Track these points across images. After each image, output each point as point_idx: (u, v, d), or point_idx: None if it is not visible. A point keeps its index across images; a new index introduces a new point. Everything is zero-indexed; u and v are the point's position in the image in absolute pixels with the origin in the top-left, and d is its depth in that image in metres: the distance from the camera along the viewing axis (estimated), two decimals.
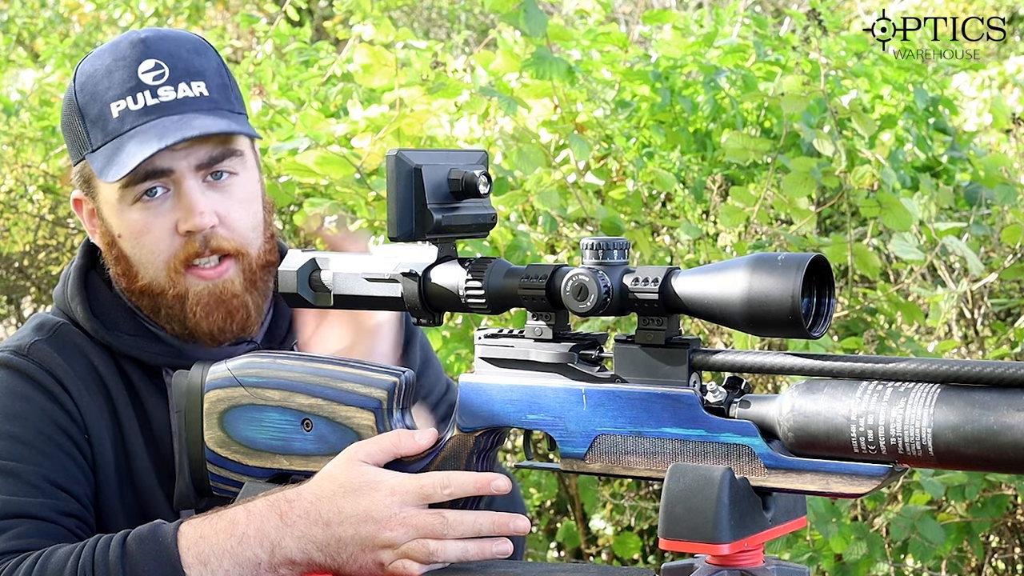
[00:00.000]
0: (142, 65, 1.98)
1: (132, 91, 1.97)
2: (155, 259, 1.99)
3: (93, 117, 1.98)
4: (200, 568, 1.73)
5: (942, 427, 1.37)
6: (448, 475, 1.68)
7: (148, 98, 1.97)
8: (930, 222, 3.62)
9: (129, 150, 1.94)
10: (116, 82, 1.98)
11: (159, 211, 1.98)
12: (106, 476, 1.97)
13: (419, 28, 9.71)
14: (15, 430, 1.92)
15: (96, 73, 2.00)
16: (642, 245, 3.45)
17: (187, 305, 1.99)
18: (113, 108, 1.97)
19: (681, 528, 1.47)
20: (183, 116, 1.96)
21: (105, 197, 2.01)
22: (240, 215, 2.01)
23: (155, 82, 1.98)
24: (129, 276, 2.02)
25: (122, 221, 2.00)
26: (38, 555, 1.80)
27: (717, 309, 1.47)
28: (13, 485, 1.88)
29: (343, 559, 1.69)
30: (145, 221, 1.98)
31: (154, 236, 1.98)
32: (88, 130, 1.99)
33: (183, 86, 1.99)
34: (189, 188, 1.97)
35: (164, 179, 1.97)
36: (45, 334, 2.01)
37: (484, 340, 1.65)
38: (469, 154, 1.72)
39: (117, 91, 1.98)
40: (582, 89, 3.84)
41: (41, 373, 1.97)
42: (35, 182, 4.70)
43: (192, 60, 2.01)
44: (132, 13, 8.50)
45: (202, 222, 1.96)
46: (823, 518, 3.16)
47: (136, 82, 1.97)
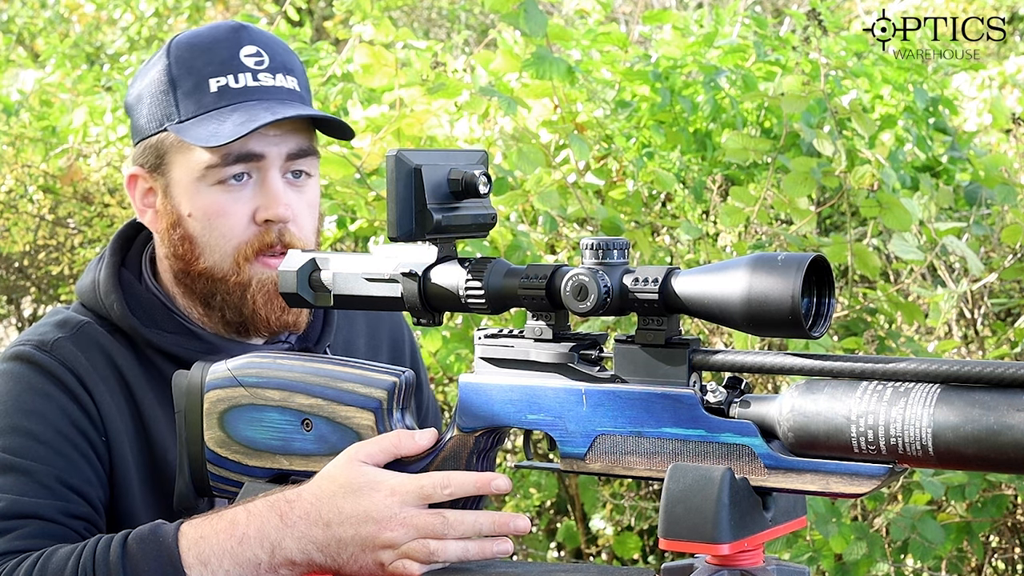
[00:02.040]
0: (244, 49, 2.01)
1: (234, 70, 1.99)
2: (225, 244, 1.99)
3: (188, 89, 1.99)
4: (200, 568, 1.73)
5: (942, 427, 1.37)
6: (448, 475, 1.68)
7: (249, 79, 1.99)
8: (930, 222, 3.62)
9: (234, 119, 1.95)
10: (216, 60, 2.00)
11: (239, 196, 1.99)
12: (125, 478, 1.97)
13: (419, 28, 9.71)
14: (32, 428, 1.91)
15: (195, 48, 2.01)
16: (642, 245, 3.45)
17: (248, 292, 2.00)
18: (212, 83, 1.99)
19: (681, 528, 1.47)
20: (282, 102, 1.99)
21: (182, 173, 2.00)
22: (308, 217, 2.03)
23: (256, 67, 2.00)
24: (189, 258, 2.01)
25: (197, 200, 1.99)
26: (39, 555, 1.80)
27: (717, 309, 1.47)
28: (25, 484, 1.88)
29: (343, 559, 1.69)
30: (223, 204, 1.98)
31: (230, 221, 1.99)
32: (179, 101, 1.99)
33: (280, 76, 2.02)
34: (274, 178, 1.99)
35: (254, 164, 1.98)
36: (69, 331, 2.00)
37: (484, 340, 1.65)
38: (469, 154, 1.72)
39: (217, 68, 1.99)
40: (582, 89, 3.84)
41: (63, 371, 1.96)
42: (35, 182, 4.70)
43: (287, 56, 2.05)
44: (132, 13, 8.50)
45: (285, 213, 1.98)
46: (823, 518, 3.16)
47: (238, 63, 2.00)
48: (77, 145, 4.61)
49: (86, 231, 4.65)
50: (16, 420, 1.92)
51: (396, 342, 2.28)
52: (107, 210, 4.56)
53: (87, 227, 4.65)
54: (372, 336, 2.24)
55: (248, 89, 1.99)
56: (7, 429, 1.92)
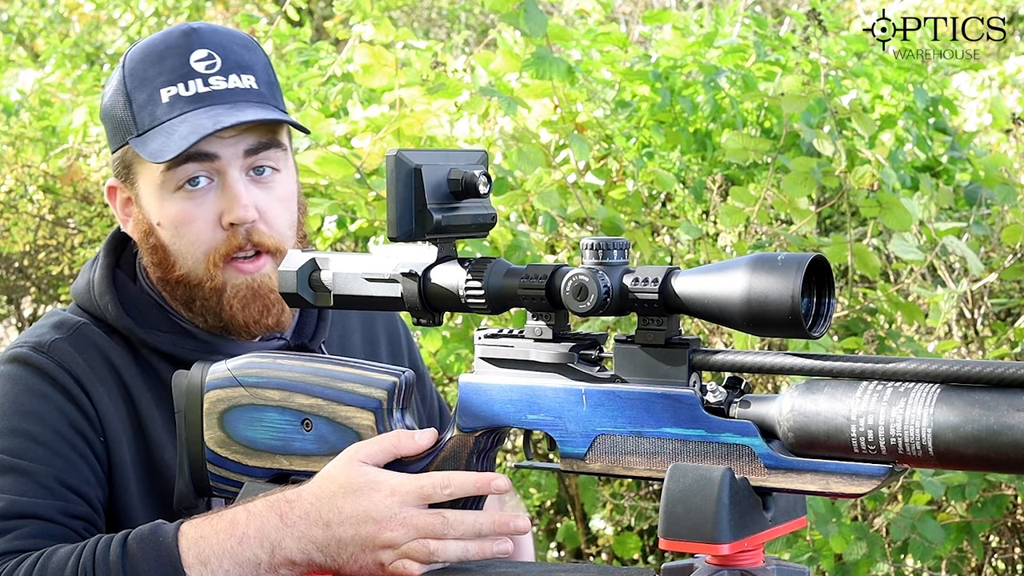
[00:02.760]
0: (194, 54, 1.99)
1: (183, 78, 1.98)
2: (195, 250, 1.99)
3: (141, 102, 1.99)
4: (200, 568, 1.73)
5: (942, 427, 1.37)
6: (448, 475, 1.68)
7: (200, 86, 1.98)
8: (930, 222, 3.62)
9: (180, 132, 1.94)
10: (167, 68, 1.99)
11: (202, 201, 1.98)
12: (124, 478, 1.96)
13: (419, 28, 9.71)
14: (30, 428, 1.92)
15: (147, 59, 2.00)
16: (642, 245, 3.45)
17: (224, 298, 1.99)
18: (163, 93, 1.98)
19: (681, 528, 1.47)
20: (235, 105, 1.97)
21: (146, 184, 2.00)
22: (279, 213, 2.02)
23: (207, 71, 1.99)
24: (165, 266, 2.01)
25: (163, 209, 1.99)
26: (39, 555, 1.79)
27: (717, 309, 1.47)
28: (23, 485, 1.88)
29: (343, 559, 1.69)
30: (187, 211, 1.98)
31: (196, 227, 1.98)
32: (135, 114, 1.99)
33: (234, 77, 2.00)
34: (233, 180, 1.98)
35: (209, 165, 1.97)
36: (65, 332, 2.00)
37: (484, 340, 1.65)
38: (469, 154, 1.72)
39: (168, 77, 1.98)
40: (582, 89, 3.84)
41: (60, 372, 1.96)
42: (35, 182, 4.70)
43: (242, 54, 2.03)
44: (132, 13, 8.50)
45: (246, 215, 1.97)
46: (823, 518, 3.16)
47: (188, 69, 1.98)
48: (77, 145, 4.61)
49: (86, 231, 4.65)
50: (14, 422, 1.92)
51: (393, 336, 2.27)
52: (107, 210, 4.56)
53: (87, 227, 4.65)
54: (368, 331, 2.24)
55: (199, 96, 1.97)
56: (5, 431, 1.92)
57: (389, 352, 2.25)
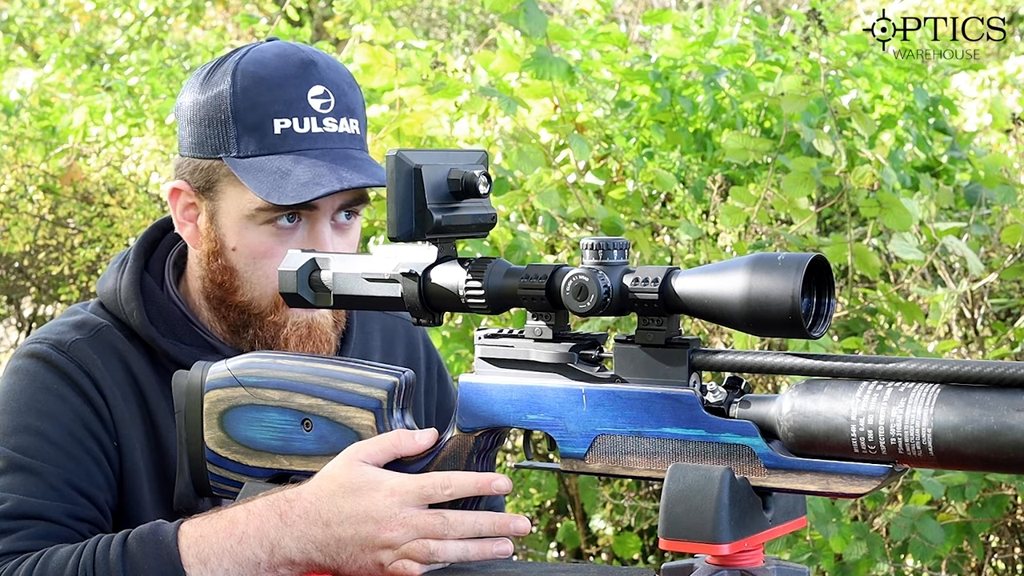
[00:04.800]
0: (312, 89, 1.97)
1: (300, 113, 1.96)
2: (267, 284, 1.98)
3: (250, 124, 1.95)
4: (200, 567, 1.73)
5: (942, 427, 1.37)
6: (448, 475, 1.68)
7: (314, 125, 1.96)
8: (930, 222, 3.62)
9: (298, 177, 1.92)
10: (283, 98, 1.96)
11: (286, 239, 1.96)
12: (136, 484, 1.96)
13: (419, 28, 9.71)
14: (44, 428, 1.91)
15: (264, 81, 1.96)
16: (642, 245, 3.45)
17: (282, 333, 1.99)
18: (276, 124, 1.95)
19: (681, 528, 1.47)
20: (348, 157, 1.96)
21: (231, 206, 1.98)
22: None
23: (322, 110, 1.97)
24: (228, 288, 2.00)
25: (244, 237, 1.97)
26: (39, 554, 1.79)
27: (717, 309, 1.47)
28: (33, 485, 1.87)
29: (343, 559, 1.69)
30: (271, 246, 1.96)
31: (276, 263, 1.92)
32: (239, 134, 1.95)
33: (344, 121, 1.99)
34: (323, 228, 1.97)
35: (305, 212, 1.96)
36: (87, 334, 1.99)
37: (484, 340, 1.65)
38: (469, 154, 1.72)
39: (283, 108, 1.96)
40: (582, 89, 3.84)
41: (79, 373, 1.95)
42: (35, 182, 4.70)
43: (352, 95, 2.02)
44: (132, 13, 8.50)
45: None
46: (823, 518, 3.16)
47: (304, 105, 1.96)
48: (77, 145, 4.61)
49: (86, 231, 4.65)
50: (29, 419, 1.92)
51: (412, 359, 2.26)
52: (107, 210, 4.56)
53: (87, 227, 4.65)
54: (387, 352, 2.23)
55: (312, 136, 1.96)
56: (20, 427, 1.91)
57: None
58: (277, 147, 1.95)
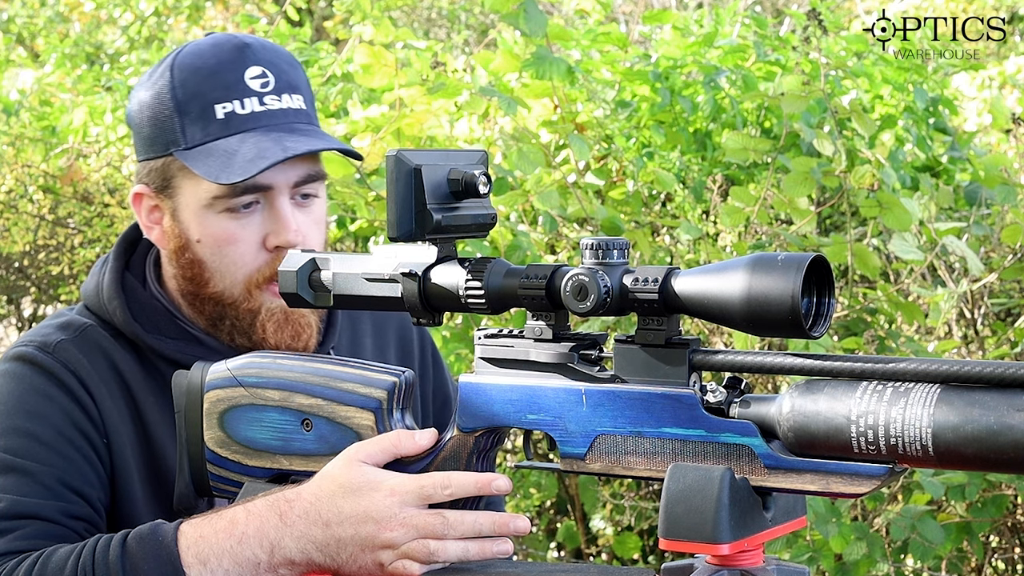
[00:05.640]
0: (249, 71, 1.99)
1: (240, 95, 1.97)
2: (236, 271, 1.99)
3: (193, 114, 1.97)
4: (200, 568, 1.73)
5: (942, 427, 1.37)
6: (448, 475, 1.68)
7: (256, 104, 1.97)
8: (930, 222, 3.62)
9: (244, 154, 1.93)
10: (221, 83, 1.97)
11: (248, 223, 1.98)
12: (127, 481, 1.96)
13: (419, 28, 9.71)
14: (34, 429, 1.91)
15: (200, 71, 1.98)
16: (642, 245, 3.45)
17: (258, 320, 2.00)
18: (218, 109, 1.97)
19: (681, 528, 1.47)
20: (292, 129, 1.98)
21: (189, 199, 1.99)
22: (315, 235, 2.03)
23: (262, 89, 1.98)
24: (199, 282, 2.01)
25: (206, 227, 1.98)
26: (39, 555, 1.79)
27: (717, 309, 1.47)
28: (26, 485, 1.88)
29: (343, 559, 1.69)
30: (232, 231, 1.97)
31: (241, 248, 1.98)
32: (184, 126, 1.97)
33: (286, 97, 2.00)
34: (283, 204, 1.98)
35: (261, 194, 1.97)
36: (72, 334, 2.00)
37: (484, 340, 1.65)
38: (469, 154, 1.72)
39: (223, 93, 1.97)
40: (582, 89, 3.84)
41: (65, 373, 1.96)
42: (35, 182, 4.70)
43: (292, 72, 2.03)
44: (132, 12, 8.50)
45: (294, 238, 1.97)
46: (823, 518, 3.16)
47: (243, 86, 1.98)
48: (77, 145, 4.61)
49: (86, 231, 4.65)
50: (18, 421, 1.92)
51: (404, 341, 2.27)
52: (107, 210, 4.56)
53: (87, 227, 4.65)
54: (379, 336, 2.24)
55: (255, 115, 1.97)
56: (9, 430, 1.92)
57: (400, 358, 2.25)
58: (223, 131, 1.96)
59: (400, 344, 2.26)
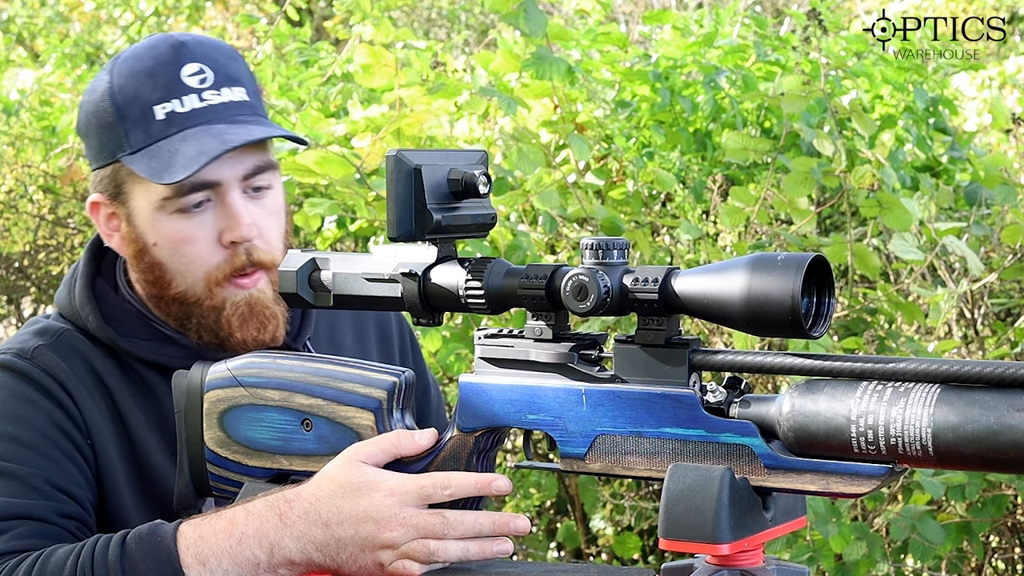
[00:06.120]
0: (185, 68, 1.98)
1: (178, 93, 1.96)
2: (195, 269, 1.98)
3: (134, 119, 1.97)
4: (199, 568, 1.73)
5: (942, 427, 1.37)
6: (448, 475, 1.68)
7: (195, 101, 1.97)
8: (930, 222, 3.62)
9: (186, 152, 1.93)
10: (160, 84, 1.97)
11: (201, 220, 1.97)
12: (114, 481, 1.97)
13: (419, 28, 9.71)
14: (17, 433, 1.92)
15: (138, 74, 1.98)
16: (642, 245, 3.45)
17: (223, 316, 1.99)
18: (158, 110, 1.96)
19: (681, 528, 1.47)
20: (233, 121, 1.96)
21: (141, 203, 1.99)
22: (272, 227, 2.02)
23: (200, 85, 1.97)
24: (161, 284, 2.00)
25: (160, 229, 1.98)
26: (38, 555, 1.80)
27: (717, 309, 1.47)
28: (14, 488, 1.88)
29: (342, 559, 1.69)
30: (187, 231, 1.97)
31: (196, 247, 1.97)
32: (127, 132, 1.97)
33: (226, 90, 1.99)
34: (234, 198, 1.97)
35: (207, 191, 1.96)
36: (48, 339, 2.00)
37: (484, 340, 1.65)
38: (469, 154, 1.72)
39: (162, 93, 1.96)
40: (582, 89, 3.84)
41: (44, 377, 1.96)
42: (35, 182, 4.70)
43: (230, 65, 2.02)
44: (132, 12, 8.50)
45: (248, 232, 1.96)
46: (823, 518, 3.16)
47: (181, 84, 1.97)
48: (77, 145, 4.61)
49: (86, 231, 4.65)
50: (1, 427, 1.92)
51: (384, 332, 2.26)
52: None
53: (87, 227, 4.65)
54: (358, 328, 2.23)
55: (196, 112, 1.96)
56: None
57: (380, 348, 2.24)
58: (164, 131, 1.95)
59: (379, 331, 2.25)
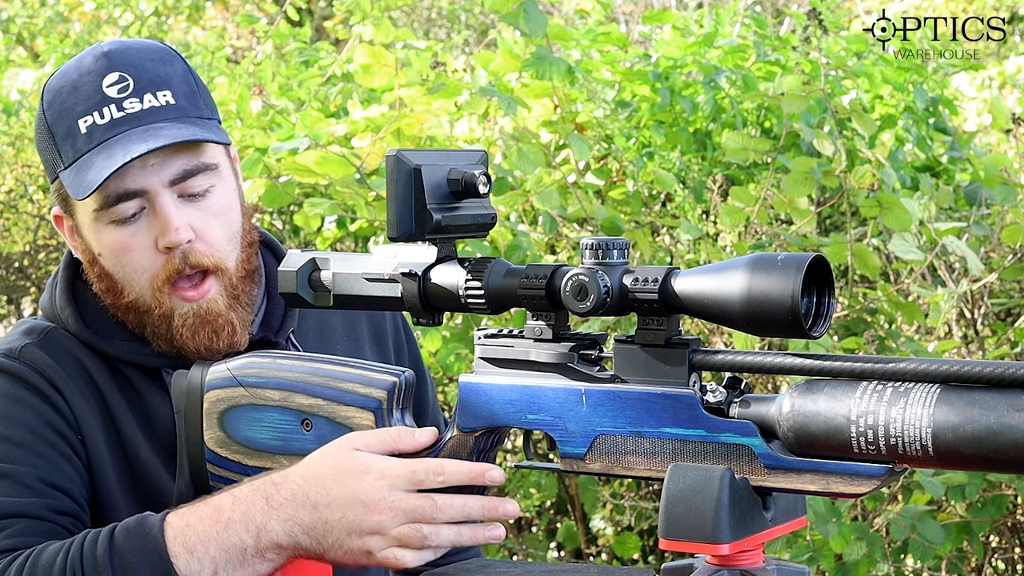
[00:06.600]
0: (107, 79, 1.95)
1: (98, 105, 1.94)
2: (138, 277, 1.97)
3: (63, 134, 1.96)
4: (187, 556, 1.72)
5: (942, 427, 1.37)
6: (441, 462, 1.68)
7: (114, 111, 1.94)
8: (930, 222, 3.62)
9: (97, 166, 1.91)
10: (82, 97, 1.95)
11: (136, 229, 1.95)
12: (104, 476, 1.97)
13: (419, 28, 9.71)
14: (9, 432, 1.92)
15: (63, 90, 1.97)
16: (642, 245, 3.45)
17: (173, 326, 1.97)
18: (81, 124, 1.95)
19: (681, 528, 1.47)
20: (149, 127, 1.93)
21: (82, 216, 1.99)
22: (215, 229, 1.98)
23: (120, 95, 1.95)
24: (114, 293, 2.00)
25: (101, 240, 1.97)
26: (29, 552, 1.79)
27: (717, 309, 1.47)
28: (8, 486, 1.88)
29: (328, 543, 1.68)
30: (124, 240, 1.96)
31: (135, 255, 1.96)
32: (59, 148, 1.96)
33: (148, 96, 1.96)
34: (163, 204, 1.94)
35: (138, 200, 1.94)
36: (35, 337, 2.00)
37: (484, 340, 1.65)
38: (469, 154, 1.72)
39: (84, 106, 1.95)
40: (582, 89, 3.84)
41: (33, 375, 1.96)
42: (35, 182, 4.70)
43: (157, 69, 1.98)
44: (132, 12, 8.50)
45: (178, 237, 1.93)
46: (823, 518, 3.16)
47: (102, 96, 1.94)
48: None
49: None
50: None
51: (377, 325, 2.25)
52: None
53: None
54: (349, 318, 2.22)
55: (115, 122, 1.94)
56: None
57: (373, 342, 2.23)
58: (87, 145, 1.94)
59: (373, 330, 2.24)
